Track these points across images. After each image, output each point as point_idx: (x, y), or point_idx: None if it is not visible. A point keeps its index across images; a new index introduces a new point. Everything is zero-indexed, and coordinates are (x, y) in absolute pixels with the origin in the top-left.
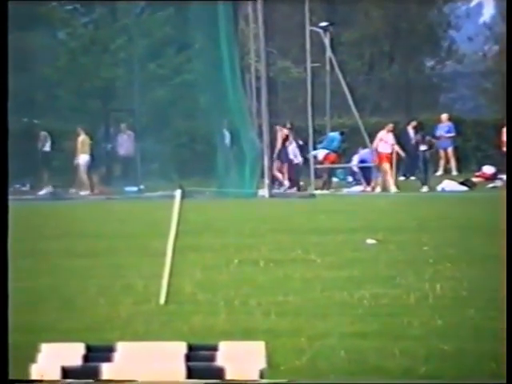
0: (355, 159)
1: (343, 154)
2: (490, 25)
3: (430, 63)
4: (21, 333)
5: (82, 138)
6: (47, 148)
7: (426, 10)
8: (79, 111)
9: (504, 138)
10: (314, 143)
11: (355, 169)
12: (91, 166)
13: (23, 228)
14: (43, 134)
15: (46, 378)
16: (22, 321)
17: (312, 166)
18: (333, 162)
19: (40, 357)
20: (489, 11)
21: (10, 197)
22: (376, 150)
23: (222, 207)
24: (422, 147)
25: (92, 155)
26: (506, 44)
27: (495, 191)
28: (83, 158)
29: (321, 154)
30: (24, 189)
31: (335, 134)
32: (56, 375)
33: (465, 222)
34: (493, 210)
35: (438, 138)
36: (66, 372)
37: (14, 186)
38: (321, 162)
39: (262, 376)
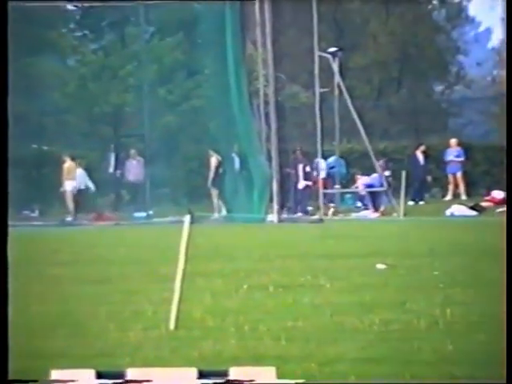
0: (360, 183)
1: (349, 179)
2: (499, 50)
3: (438, 88)
4: (31, 359)
5: (68, 164)
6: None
7: (434, 36)
8: (88, 137)
9: None
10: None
11: (363, 193)
12: (77, 193)
13: (33, 254)
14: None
15: None
16: (33, 346)
17: (321, 191)
18: (323, 185)
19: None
20: (497, 36)
21: (19, 223)
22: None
23: (231, 232)
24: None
25: (82, 183)
26: (506, 43)
27: (505, 216)
28: (69, 185)
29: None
30: (33, 215)
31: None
32: None
33: (475, 247)
34: (503, 234)
35: (447, 163)
36: None
37: (23, 212)
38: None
39: None
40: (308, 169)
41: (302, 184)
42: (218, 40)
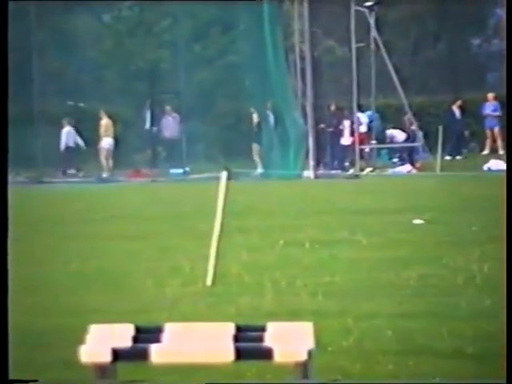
0: (391, 135)
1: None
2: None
3: (476, 41)
4: (69, 315)
5: (105, 121)
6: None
7: None
8: (124, 93)
9: None
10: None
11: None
12: (115, 149)
13: (70, 211)
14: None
15: (94, 359)
16: (71, 303)
17: (357, 147)
18: (362, 141)
19: (88, 339)
20: None
21: (57, 180)
22: None
23: (268, 188)
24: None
25: (116, 139)
26: (506, 43)
27: None
28: (106, 142)
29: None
30: (71, 171)
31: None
32: (105, 357)
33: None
34: None
35: (484, 117)
36: (117, 353)
37: (60, 170)
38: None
39: (309, 356)
40: (354, 125)
41: (347, 140)
42: None
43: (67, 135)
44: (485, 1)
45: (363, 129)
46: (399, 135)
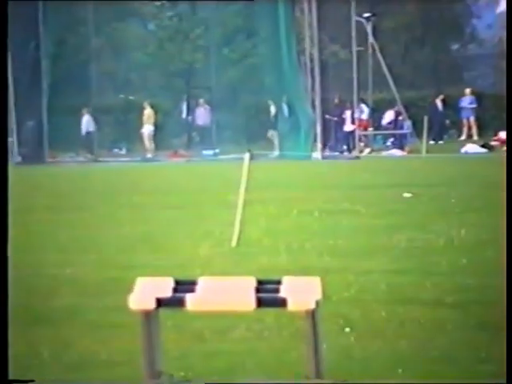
0: (386, 118)
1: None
2: (506, 14)
3: (455, 46)
4: (120, 269)
5: (148, 111)
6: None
7: (452, 2)
8: (165, 89)
9: None
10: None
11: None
12: (157, 134)
13: (121, 185)
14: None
15: (141, 307)
16: (122, 260)
17: (357, 133)
18: (365, 127)
19: (136, 289)
20: (504, 1)
21: (109, 159)
22: None
23: (283, 167)
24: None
25: (156, 125)
26: (506, 42)
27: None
28: (147, 128)
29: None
30: (121, 152)
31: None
32: (150, 304)
33: (485, 179)
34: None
35: (461, 109)
36: (159, 301)
37: (113, 150)
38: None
39: (317, 305)
40: (354, 115)
41: (349, 127)
42: (271, 7)
43: (87, 123)
44: (462, 13)
45: (365, 116)
46: (390, 115)
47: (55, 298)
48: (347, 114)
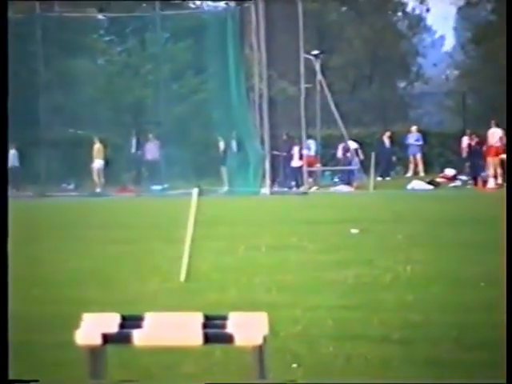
0: (340, 150)
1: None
2: (451, 53)
3: (401, 84)
4: (67, 305)
5: (97, 145)
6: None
7: (398, 41)
8: (115, 124)
9: (463, 145)
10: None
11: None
12: (106, 169)
13: (68, 219)
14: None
15: (87, 342)
16: (68, 295)
17: (305, 169)
18: (312, 163)
19: (83, 325)
20: (450, 42)
21: (58, 194)
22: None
23: (232, 203)
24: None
25: (107, 160)
26: (505, 42)
27: (455, 189)
28: (98, 163)
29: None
30: (69, 187)
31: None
32: (96, 340)
33: (431, 215)
34: (454, 204)
35: (408, 146)
36: (106, 337)
37: (61, 185)
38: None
39: (264, 341)
40: (302, 151)
41: (297, 163)
42: (220, 44)
43: (13, 157)
44: (409, 51)
45: (312, 152)
46: (352, 145)
47: None
48: (295, 149)
